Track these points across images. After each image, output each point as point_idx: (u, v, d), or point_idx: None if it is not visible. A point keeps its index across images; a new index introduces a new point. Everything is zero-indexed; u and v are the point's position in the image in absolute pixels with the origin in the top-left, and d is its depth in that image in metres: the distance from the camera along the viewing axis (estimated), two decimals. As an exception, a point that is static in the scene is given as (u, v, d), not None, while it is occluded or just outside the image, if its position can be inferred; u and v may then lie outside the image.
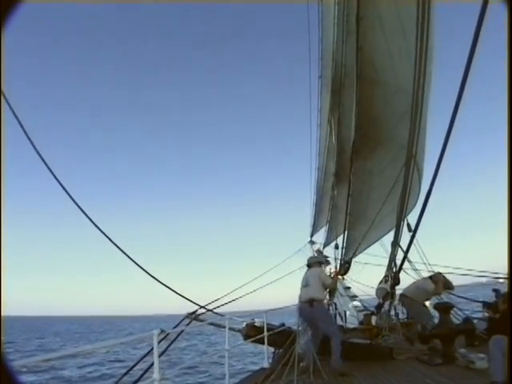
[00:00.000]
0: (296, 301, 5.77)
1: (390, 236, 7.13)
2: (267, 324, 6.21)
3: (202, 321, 7.31)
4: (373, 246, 10.51)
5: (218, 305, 8.29)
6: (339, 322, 9.65)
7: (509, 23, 2.20)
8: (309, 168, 16.11)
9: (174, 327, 6.91)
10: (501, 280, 7.86)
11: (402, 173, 6.45)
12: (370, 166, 8.52)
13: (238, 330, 6.90)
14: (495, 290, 7.34)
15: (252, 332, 6.31)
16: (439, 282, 6.80)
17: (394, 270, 6.45)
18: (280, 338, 6.06)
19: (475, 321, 6.78)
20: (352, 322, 9.50)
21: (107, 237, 5.40)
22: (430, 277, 7.04)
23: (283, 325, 6.55)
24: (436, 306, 5.73)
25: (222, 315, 7.17)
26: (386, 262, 7.35)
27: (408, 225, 6.73)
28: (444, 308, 5.47)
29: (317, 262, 6.16)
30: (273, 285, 10.26)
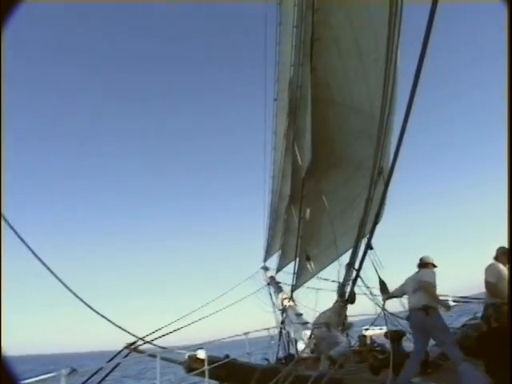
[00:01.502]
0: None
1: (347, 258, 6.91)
2: (211, 356, 5.70)
3: (141, 352, 6.67)
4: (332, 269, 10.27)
5: (159, 335, 7.66)
6: (291, 350, 9.23)
7: (509, 23, 2.19)
8: (262, 192, 15.81)
9: (109, 361, 6.24)
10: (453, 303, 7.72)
11: (363, 191, 6.23)
12: (322, 187, 8.33)
13: (180, 363, 6.34)
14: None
15: (194, 365, 5.78)
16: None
17: (346, 295, 6.14)
18: (223, 371, 5.55)
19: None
20: (305, 350, 9.09)
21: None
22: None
23: (227, 357, 6.04)
24: (387, 334, 5.46)
25: (163, 348, 6.60)
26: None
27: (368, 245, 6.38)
28: (395, 336, 5.20)
29: (432, 263, 5.31)
30: (227, 314, 9.73)
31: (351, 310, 7.44)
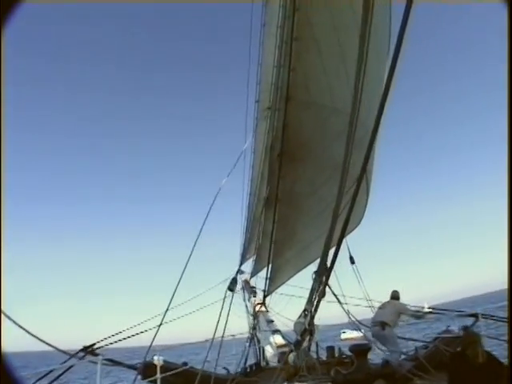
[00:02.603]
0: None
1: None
2: (167, 363, 5.39)
3: (96, 355, 6.29)
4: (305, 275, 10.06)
5: (122, 337, 7.27)
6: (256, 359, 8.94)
7: (509, 23, 2.16)
8: (241, 195, 15.53)
9: (62, 363, 5.86)
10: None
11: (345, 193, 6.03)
12: (298, 189, 8.10)
13: (135, 369, 6.00)
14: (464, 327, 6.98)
15: (149, 371, 5.46)
16: None
17: (315, 303, 5.87)
18: (179, 379, 5.25)
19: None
20: (273, 359, 8.78)
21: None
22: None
23: (186, 364, 5.73)
24: (351, 349, 5.25)
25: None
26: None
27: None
28: (360, 351, 4.98)
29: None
30: (198, 318, 9.36)
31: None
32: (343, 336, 43.05)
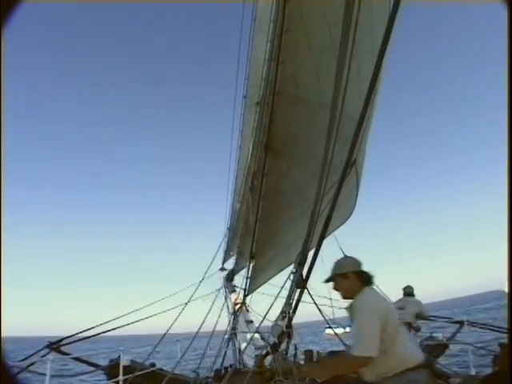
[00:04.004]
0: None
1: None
2: (134, 363, 5.09)
3: (63, 353, 5.98)
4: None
5: (92, 333, 6.91)
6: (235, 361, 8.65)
7: (509, 23, 2.08)
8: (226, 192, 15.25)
9: (24, 359, 5.55)
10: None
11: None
12: (282, 186, 7.84)
13: (102, 368, 5.69)
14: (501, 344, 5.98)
15: (114, 372, 5.16)
16: None
17: (293, 305, 5.60)
18: (146, 381, 4.96)
19: None
20: (250, 361, 8.53)
21: None
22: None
23: (154, 365, 5.44)
24: (328, 356, 5.00)
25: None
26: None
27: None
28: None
29: None
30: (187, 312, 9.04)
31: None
32: (327, 331, 43.02)
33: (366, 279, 2.77)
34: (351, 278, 2.80)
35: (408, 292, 7.26)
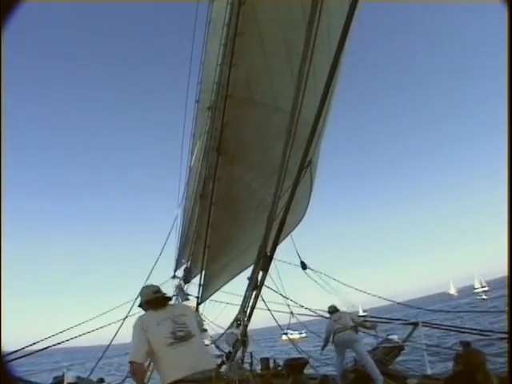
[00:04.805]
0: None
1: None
2: (80, 379, 4.75)
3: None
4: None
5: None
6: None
7: (509, 23, 2.13)
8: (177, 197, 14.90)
9: None
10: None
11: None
12: (235, 191, 7.71)
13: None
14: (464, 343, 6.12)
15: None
16: None
17: (247, 312, 5.47)
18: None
19: None
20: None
21: None
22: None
23: (102, 380, 5.12)
24: (286, 364, 4.92)
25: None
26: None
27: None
28: (295, 366, 4.65)
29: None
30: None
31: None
32: (284, 337, 43.13)
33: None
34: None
35: (333, 309, 7.64)
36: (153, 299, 3.41)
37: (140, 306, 3.60)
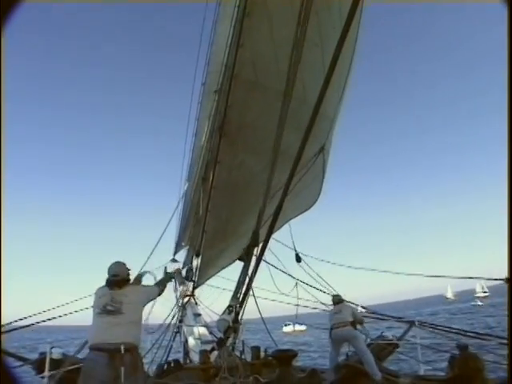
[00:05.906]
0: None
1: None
2: (66, 356, 4.68)
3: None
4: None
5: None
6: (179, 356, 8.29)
7: (509, 23, 2.12)
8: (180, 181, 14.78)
9: None
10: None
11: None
12: (236, 175, 7.56)
13: (31, 363, 5.21)
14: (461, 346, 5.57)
15: (42, 366, 4.73)
16: None
17: (240, 299, 5.36)
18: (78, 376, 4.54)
19: None
20: (196, 357, 8.18)
21: None
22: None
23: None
24: (274, 355, 4.82)
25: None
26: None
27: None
28: (283, 358, 4.54)
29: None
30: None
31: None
32: (285, 329, 43.57)
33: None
34: None
35: (337, 300, 7.39)
36: (107, 280, 3.91)
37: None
